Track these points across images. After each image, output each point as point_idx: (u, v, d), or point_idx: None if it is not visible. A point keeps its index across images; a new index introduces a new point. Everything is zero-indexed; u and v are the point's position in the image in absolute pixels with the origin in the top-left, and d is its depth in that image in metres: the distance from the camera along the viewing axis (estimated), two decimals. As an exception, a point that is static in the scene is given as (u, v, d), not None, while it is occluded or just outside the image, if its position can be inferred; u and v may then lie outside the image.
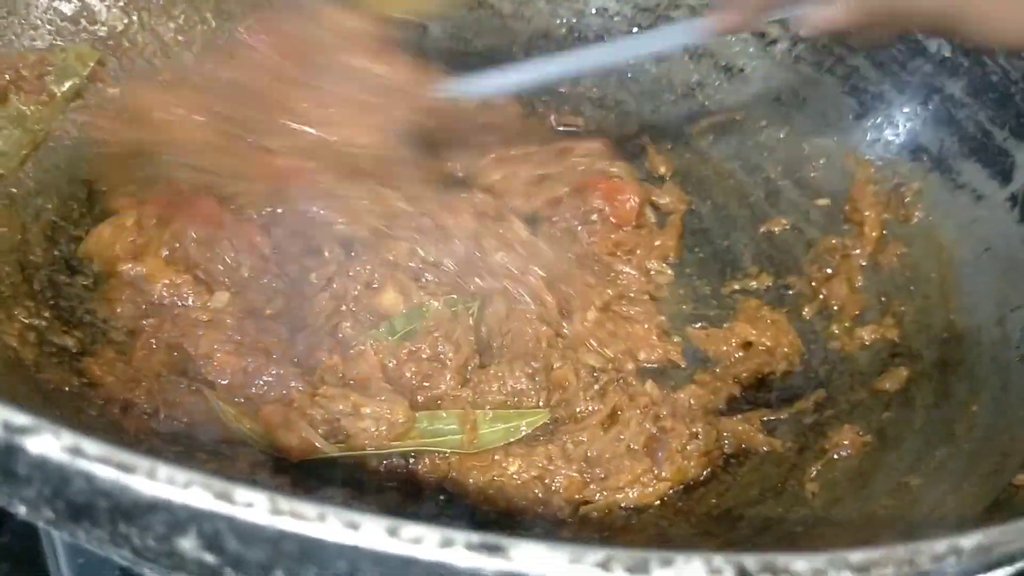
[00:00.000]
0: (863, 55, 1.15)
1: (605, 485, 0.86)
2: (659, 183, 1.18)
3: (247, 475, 0.80)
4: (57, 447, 0.40)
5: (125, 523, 0.42)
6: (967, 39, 0.78)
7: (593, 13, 1.26)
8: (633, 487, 0.86)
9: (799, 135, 1.19)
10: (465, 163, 1.10)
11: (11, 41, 0.99)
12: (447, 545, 0.40)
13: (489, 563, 0.40)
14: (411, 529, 0.40)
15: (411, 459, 0.86)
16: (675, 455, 0.88)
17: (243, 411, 0.85)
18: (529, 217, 1.07)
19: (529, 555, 0.40)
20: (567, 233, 1.08)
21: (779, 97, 1.21)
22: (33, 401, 0.77)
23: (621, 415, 0.90)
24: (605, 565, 0.40)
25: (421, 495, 0.84)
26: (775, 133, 1.20)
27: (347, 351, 0.90)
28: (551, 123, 1.23)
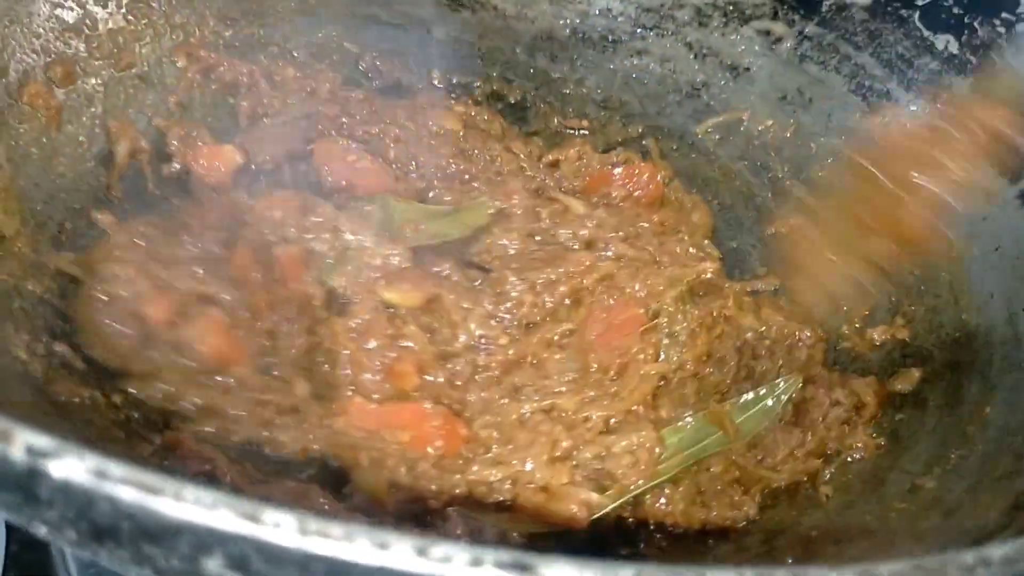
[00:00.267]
0: (869, 53, 1.15)
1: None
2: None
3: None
4: (81, 470, 0.40)
5: (150, 544, 0.42)
6: None
7: (597, 14, 1.25)
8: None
9: (806, 134, 1.18)
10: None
11: (14, 50, 0.98)
12: (476, 564, 0.40)
13: (518, 582, 0.40)
14: (440, 548, 0.39)
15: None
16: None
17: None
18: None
19: (558, 573, 0.40)
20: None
21: (785, 96, 1.20)
22: (46, 414, 0.77)
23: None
24: (635, 582, 0.40)
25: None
26: (781, 132, 1.20)
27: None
28: (555, 125, 1.23)
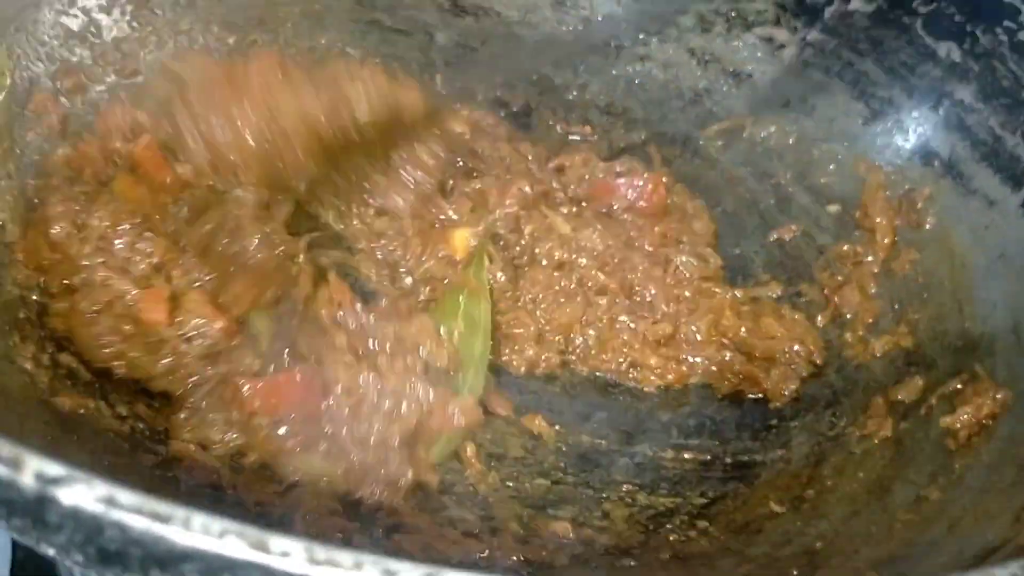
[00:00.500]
0: (872, 60, 1.15)
1: None
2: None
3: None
4: (91, 497, 0.40)
5: (158, 570, 0.42)
6: None
7: (599, 20, 1.25)
8: None
9: (809, 141, 1.18)
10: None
11: (20, 58, 0.98)
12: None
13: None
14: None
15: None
16: None
17: None
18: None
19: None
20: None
21: (788, 103, 1.20)
22: (49, 426, 0.77)
23: None
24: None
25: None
26: (784, 139, 1.20)
27: None
28: (558, 131, 1.23)
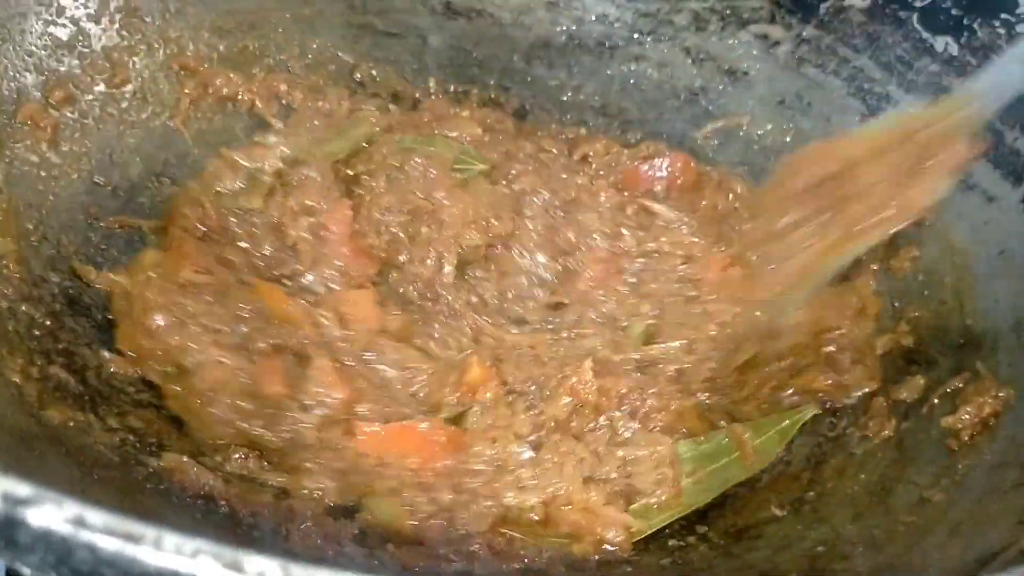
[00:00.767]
0: (868, 55, 1.14)
1: None
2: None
3: None
4: (59, 518, 0.39)
5: (132, 591, 0.41)
6: None
7: (593, 20, 1.24)
8: None
9: (805, 138, 1.16)
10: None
11: (7, 68, 0.97)
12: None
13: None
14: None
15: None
16: None
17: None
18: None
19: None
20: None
21: (784, 100, 1.19)
22: (37, 439, 0.76)
23: None
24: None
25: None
26: (781, 137, 1.18)
27: None
28: (553, 132, 1.22)
